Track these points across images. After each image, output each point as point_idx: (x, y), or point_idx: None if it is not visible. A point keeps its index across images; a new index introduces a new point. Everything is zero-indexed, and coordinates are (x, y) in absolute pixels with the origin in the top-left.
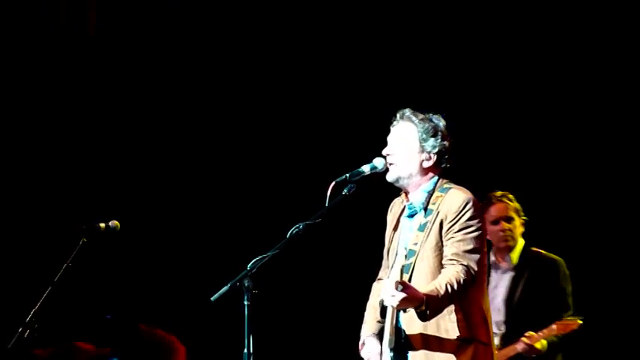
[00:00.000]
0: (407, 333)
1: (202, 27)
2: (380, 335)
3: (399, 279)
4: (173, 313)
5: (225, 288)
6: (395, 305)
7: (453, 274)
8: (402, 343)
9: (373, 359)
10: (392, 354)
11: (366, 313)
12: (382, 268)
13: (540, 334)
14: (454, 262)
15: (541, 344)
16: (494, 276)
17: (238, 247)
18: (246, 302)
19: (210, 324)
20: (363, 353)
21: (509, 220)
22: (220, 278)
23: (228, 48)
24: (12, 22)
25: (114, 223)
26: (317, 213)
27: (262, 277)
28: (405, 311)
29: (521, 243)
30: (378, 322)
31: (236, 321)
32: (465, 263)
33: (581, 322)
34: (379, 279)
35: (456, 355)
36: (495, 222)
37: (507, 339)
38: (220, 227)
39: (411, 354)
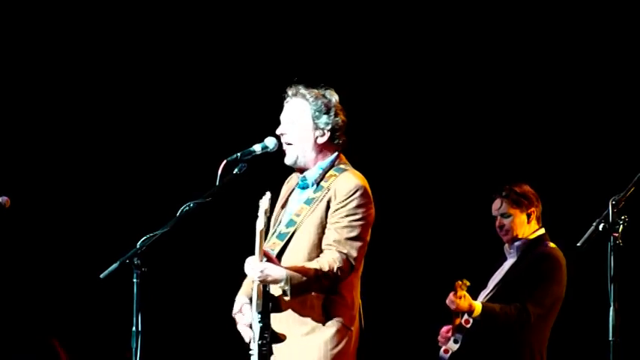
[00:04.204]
0: (275, 296)
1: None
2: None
3: (270, 244)
4: (62, 291)
5: (114, 265)
6: (256, 277)
7: (328, 260)
8: (269, 307)
9: (245, 327)
10: (259, 317)
11: (244, 281)
12: None
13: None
14: (332, 248)
15: (470, 304)
16: (505, 264)
17: (127, 224)
18: (135, 280)
19: (99, 302)
20: (237, 317)
21: (506, 216)
22: (109, 256)
23: (110, 20)
24: None
25: (3, 199)
26: (208, 192)
27: (151, 255)
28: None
29: (528, 234)
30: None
31: (125, 299)
32: (345, 251)
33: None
34: None
35: (314, 330)
36: (494, 217)
37: None
38: (109, 204)
39: (273, 315)
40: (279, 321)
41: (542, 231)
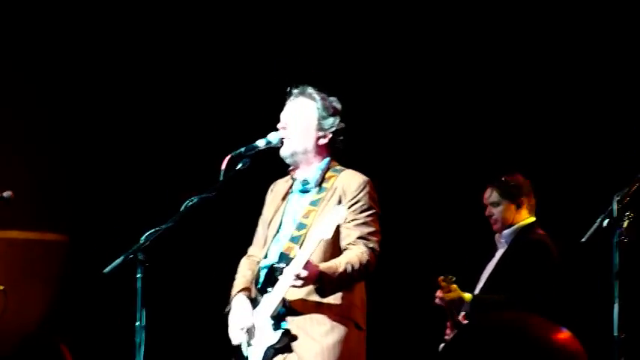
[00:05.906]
0: (289, 300)
1: None
2: (250, 300)
3: (284, 248)
4: (67, 286)
5: (118, 260)
6: (299, 285)
7: (357, 254)
8: (285, 312)
9: (240, 318)
10: (272, 322)
11: (235, 282)
12: (253, 245)
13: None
14: (359, 243)
15: (459, 297)
16: (496, 254)
17: (132, 219)
18: (139, 275)
19: (103, 297)
20: (232, 319)
21: (495, 205)
22: (114, 251)
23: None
24: None
25: (8, 193)
26: (211, 187)
27: (155, 250)
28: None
29: (520, 222)
30: (247, 288)
31: (129, 294)
32: (371, 245)
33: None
34: (249, 255)
35: (330, 331)
36: (485, 207)
37: None
38: (114, 199)
39: (289, 319)
40: (297, 322)
41: (533, 219)
